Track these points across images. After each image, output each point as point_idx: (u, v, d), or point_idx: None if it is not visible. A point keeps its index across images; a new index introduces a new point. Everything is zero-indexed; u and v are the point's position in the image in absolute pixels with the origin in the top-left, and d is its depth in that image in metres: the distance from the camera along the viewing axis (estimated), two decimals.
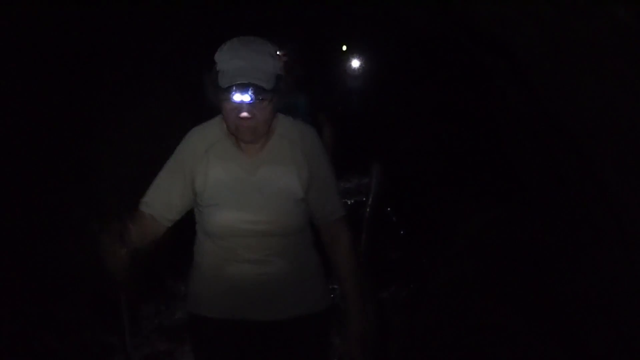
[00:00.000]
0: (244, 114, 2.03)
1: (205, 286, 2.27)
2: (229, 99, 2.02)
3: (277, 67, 2.07)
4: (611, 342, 2.84)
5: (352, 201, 7.97)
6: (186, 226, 2.33)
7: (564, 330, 3.30)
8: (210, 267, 2.25)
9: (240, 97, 2.00)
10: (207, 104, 2.13)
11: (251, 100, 2.01)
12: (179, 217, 2.25)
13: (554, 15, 2.33)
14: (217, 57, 2.06)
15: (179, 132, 2.31)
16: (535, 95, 3.18)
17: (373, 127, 9.96)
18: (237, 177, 2.16)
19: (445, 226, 5.54)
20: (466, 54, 4.59)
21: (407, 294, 4.83)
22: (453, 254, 4.89)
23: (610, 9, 1.95)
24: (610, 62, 2.15)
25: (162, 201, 2.19)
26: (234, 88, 1.99)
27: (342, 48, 12.28)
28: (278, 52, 2.13)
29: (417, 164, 7.43)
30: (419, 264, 5.34)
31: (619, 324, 2.77)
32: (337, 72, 11.62)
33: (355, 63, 12.04)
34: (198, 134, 2.26)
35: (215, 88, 2.04)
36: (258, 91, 2.00)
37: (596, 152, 2.58)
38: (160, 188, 2.21)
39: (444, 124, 6.58)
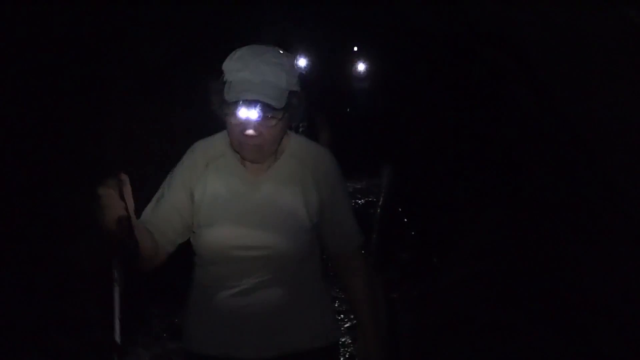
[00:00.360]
0: (250, 132, 1.85)
1: (196, 318, 2.07)
2: (234, 114, 1.84)
3: (291, 83, 1.88)
4: (619, 342, 2.83)
5: (363, 201, 8.00)
6: None
7: (574, 331, 3.29)
8: (200, 297, 2.06)
9: (247, 113, 1.82)
10: (213, 114, 1.95)
11: (258, 117, 1.82)
12: (181, 239, 2.03)
13: (565, 17, 2.33)
14: (226, 66, 1.87)
15: (190, 132, 2.18)
16: (545, 96, 3.17)
17: (384, 128, 9.96)
18: (237, 195, 1.98)
19: (455, 226, 5.53)
20: (476, 54, 4.59)
21: (417, 294, 4.83)
22: (463, 254, 4.89)
23: (621, 10, 1.95)
24: (621, 63, 2.14)
25: (161, 218, 1.98)
26: (240, 103, 1.81)
27: (353, 48, 12.27)
28: (295, 64, 1.96)
29: (428, 165, 7.43)
30: (429, 264, 5.34)
31: (628, 325, 2.76)
32: (347, 72, 11.62)
33: (367, 63, 12.02)
34: (202, 146, 2.08)
35: (220, 100, 1.87)
36: (266, 108, 1.82)
37: (606, 153, 2.58)
38: (160, 203, 2.00)
39: (454, 125, 6.57)
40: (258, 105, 1.80)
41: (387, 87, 10.42)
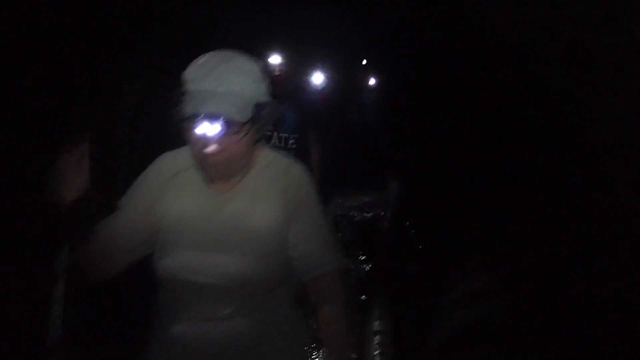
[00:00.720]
0: (212, 148, 1.66)
1: (155, 348, 1.88)
2: (193, 129, 1.65)
3: (260, 93, 1.70)
4: (627, 354, 2.82)
5: (370, 215, 7.99)
6: None
7: (583, 344, 3.27)
8: (159, 325, 1.86)
9: (207, 128, 1.63)
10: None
11: (219, 132, 1.64)
12: (139, 254, 1.83)
13: (571, 32, 2.34)
14: (187, 74, 1.68)
15: None
16: (552, 111, 3.18)
17: (392, 141, 9.98)
18: (200, 214, 1.79)
19: (463, 240, 5.53)
20: (484, 69, 4.60)
21: (424, 308, 4.81)
22: (471, 268, 4.88)
23: (625, 25, 1.96)
24: (626, 78, 2.15)
25: (119, 229, 1.79)
26: (200, 117, 1.62)
27: (361, 62, 12.32)
28: (265, 72, 1.75)
29: (435, 179, 7.42)
30: (436, 278, 5.33)
31: (636, 336, 2.75)
32: (355, 86, 11.66)
33: (375, 77, 12.06)
34: (167, 159, 1.89)
35: (180, 112, 1.65)
36: (229, 122, 1.63)
37: (613, 166, 2.58)
38: (120, 215, 1.82)
39: (462, 139, 6.58)
40: (219, 119, 1.62)
41: (395, 100, 10.45)
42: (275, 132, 4.40)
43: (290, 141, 4.44)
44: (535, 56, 2.90)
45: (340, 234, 7.29)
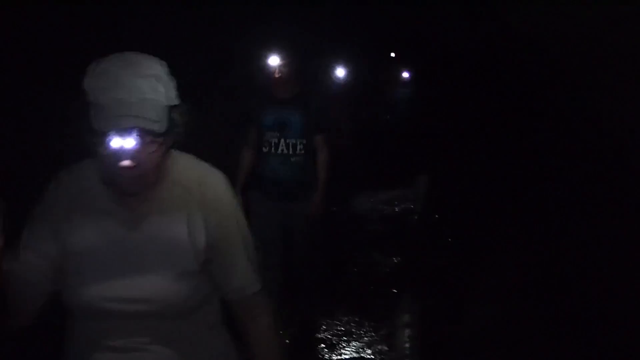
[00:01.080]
0: (126, 163, 1.50)
1: None
2: (106, 144, 1.48)
3: (171, 97, 1.55)
4: None
5: (400, 208, 8.03)
6: None
7: (599, 348, 3.27)
8: (72, 358, 1.69)
9: (121, 141, 1.47)
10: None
11: (136, 145, 1.49)
12: (51, 289, 1.63)
13: (597, 28, 2.35)
14: (89, 84, 1.49)
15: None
16: (581, 109, 3.18)
17: (420, 136, 9.97)
18: (111, 238, 1.62)
19: (493, 235, 5.53)
20: (511, 65, 4.60)
21: (452, 302, 4.84)
22: (500, 263, 4.89)
23: None
24: None
25: (23, 268, 1.58)
26: (115, 130, 1.46)
27: (390, 55, 12.28)
28: (170, 74, 1.58)
29: (465, 174, 7.42)
30: (465, 272, 5.35)
31: None
32: (384, 80, 11.62)
33: (405, 71, 12.01)
34: (66, 179, 1.68)
35: (86, 127, 1.48)
36: (145, 133, 1.49)
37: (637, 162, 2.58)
38: (21, 250, 1.61)
39: (490, 134, 6.57)
40: (136, 131, 1.47)
41: (424, 96, 10.44)
42: (282, 139, 4.11)
43: (299, 147, 4.13)
44: (567, 54, 2.91)
45: (371, 227, 7.35)
